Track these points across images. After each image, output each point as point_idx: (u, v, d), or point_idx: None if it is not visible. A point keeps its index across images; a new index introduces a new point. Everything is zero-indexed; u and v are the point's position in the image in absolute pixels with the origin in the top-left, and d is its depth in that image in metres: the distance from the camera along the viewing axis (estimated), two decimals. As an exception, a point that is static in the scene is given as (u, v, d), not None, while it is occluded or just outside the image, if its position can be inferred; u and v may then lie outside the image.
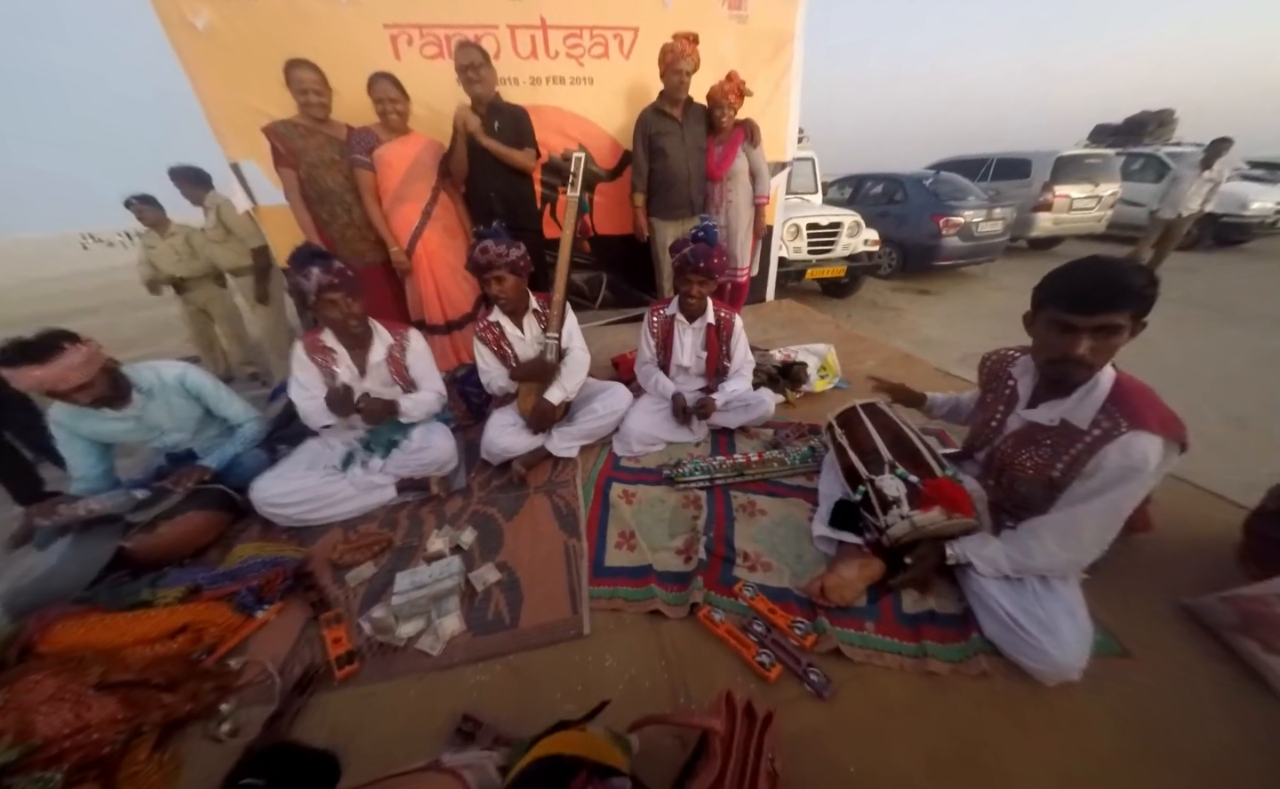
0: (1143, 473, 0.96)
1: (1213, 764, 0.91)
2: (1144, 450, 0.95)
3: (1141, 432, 0.96)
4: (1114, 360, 1.04)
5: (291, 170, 2.23)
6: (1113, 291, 0.93)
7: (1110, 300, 0.94)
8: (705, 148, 2.94)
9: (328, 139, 2.25)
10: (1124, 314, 0.93)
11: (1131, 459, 0.96)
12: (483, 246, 1.72)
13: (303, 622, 1.34)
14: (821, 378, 2.38)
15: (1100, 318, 0.95)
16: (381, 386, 1.77)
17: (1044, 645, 1.02)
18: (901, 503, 1.20)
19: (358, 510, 1.71)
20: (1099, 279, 0.95)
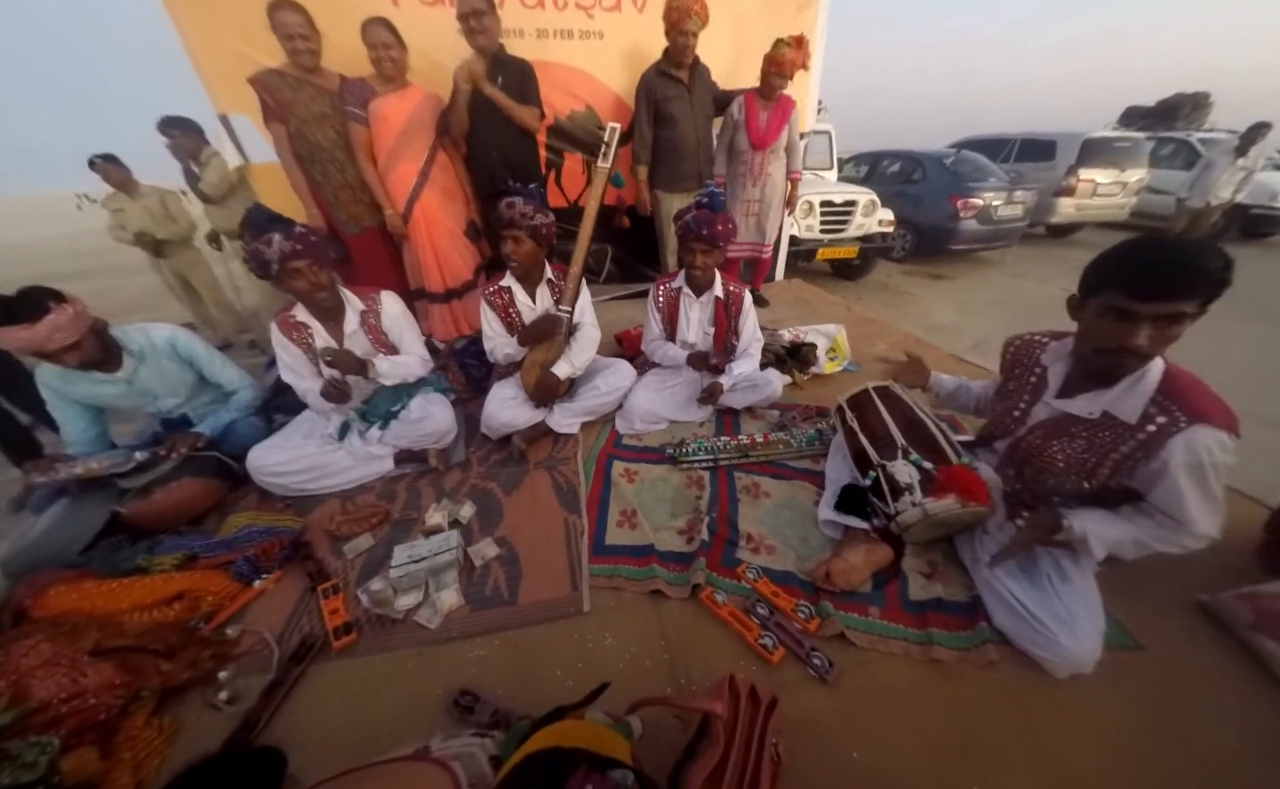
0: (1210, 462, 0.90)
1: (1221, 763, 0.90)
2: (1208, 445, 0.89)
3: (1202, 425, 0.90)
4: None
5: (281, 125, 2.09)
6: (1187, 276, 0.84)
7: (1183, 287, 0.84)
8: (712, 115, 2.79)
9: (318, 91, 2.10)
10: (1193, 302, 0.84)
11: (1197, 455, 0.90)
12: (510, 201, 1.64)
13: (300, 592, 1.32)
14: (830, 360, 2.32)
15: (1168, 306, 0.85)
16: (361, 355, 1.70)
17: (1058, 637, 0.99)
18: (914, 489, 1.16)
19: (355, 481, 1.69)
20: (1171, 262, 0.85)
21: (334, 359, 1.59)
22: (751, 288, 3.40)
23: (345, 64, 2.17)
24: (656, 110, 2.62)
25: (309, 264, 1.49)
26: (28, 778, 0.86)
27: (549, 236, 1.73)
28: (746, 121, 2.71)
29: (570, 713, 0.61)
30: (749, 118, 2.70)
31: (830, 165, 4.99)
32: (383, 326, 1.75)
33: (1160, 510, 0.98)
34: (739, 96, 2.73)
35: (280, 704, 1.07)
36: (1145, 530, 1.00)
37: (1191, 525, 0.95)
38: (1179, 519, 0.95)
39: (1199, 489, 0.92)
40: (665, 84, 2.58)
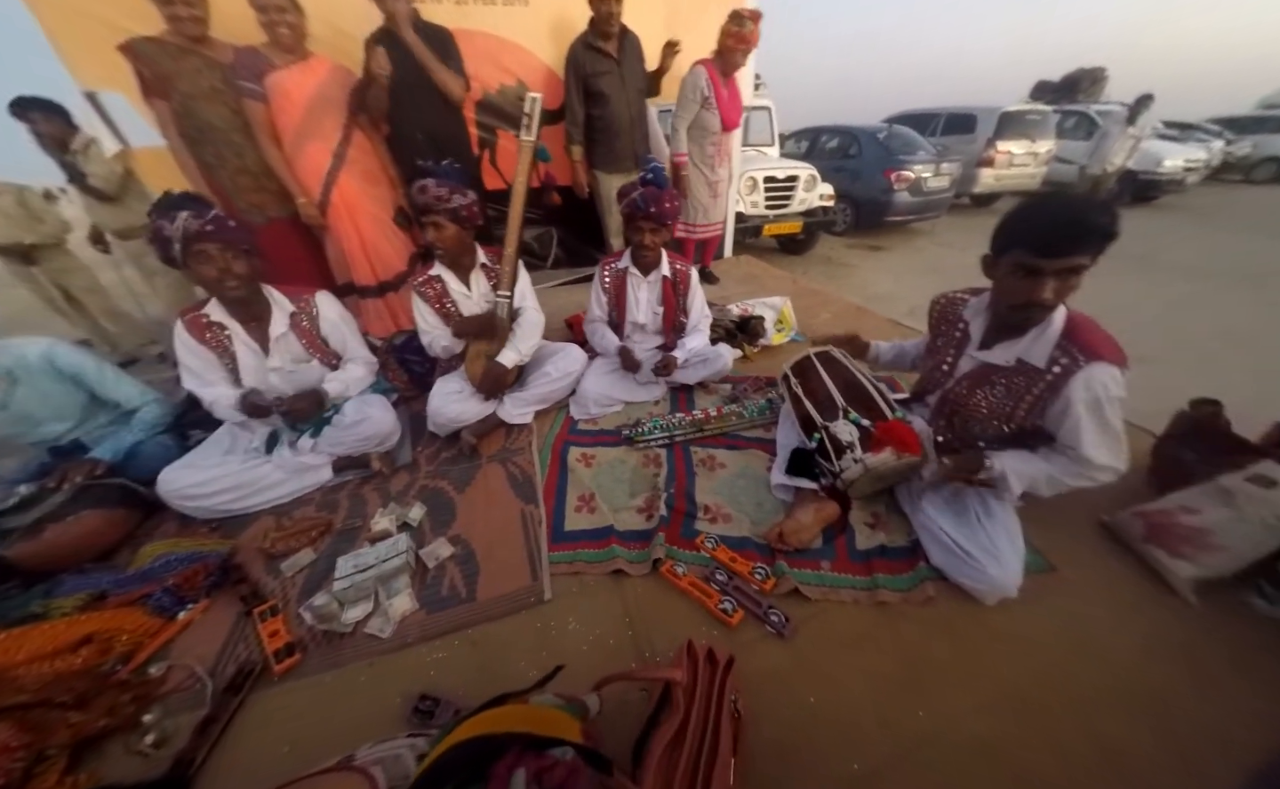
0: (1108, 400, 1.00)
1: (1125, 663, 1.01)
2: (1103, 381, 1.00)
3: (1098, 363, 1.00)
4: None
5: (164, 102, 1.84)
6: (1082, 232, 0.92)
7: (1080, 241, 0.92)
8: (645, 90, 2.69)
9: (205, 62, 1.86)
10: (1088, 255, 0.93)
11: (1094, 391, 1.00)
12: (421, 185, 1.53)
13: (234, 617, 1.22)
14: (778, 331, 2.39)
15: (1068, 260, 0.94)
16: (294, 363, 1.57)
17: (985, 567, 1.08)
18: (855, 447, 1.22)
19: (290, 494, 1.57)
20: (1067, 221, 0.93)
21: (291, 408, 1.48)
22: (702, 265, 3.42)
23: (239, 33, 1.92)
24: (585, 87, 2.49)
25: (219, 248, 1.34)
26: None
27: (473, 218, 1.63)
28: (716, 98, 2.62)
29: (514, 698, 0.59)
30: (719, 96, 2.62)
31: (772, 141, 5.07)
32: (321, 332, 1.62)
33: (1069, 446, 1.08)
34: (697, 70, 2.61)
35: (218, 739, 0.99)
36: (1058, 467, 1.10)
37: (1091, 457, 1.05)
38: (1087, 454, 1.05)
39: (1096, 422, 1.02)
40: (593, 57, 2.45)
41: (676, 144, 2.73)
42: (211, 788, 0.92)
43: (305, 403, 1.52)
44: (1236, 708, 0.92)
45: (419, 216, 1.58)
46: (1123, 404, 1.03)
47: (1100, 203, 0.94)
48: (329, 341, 1.64)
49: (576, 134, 2.60)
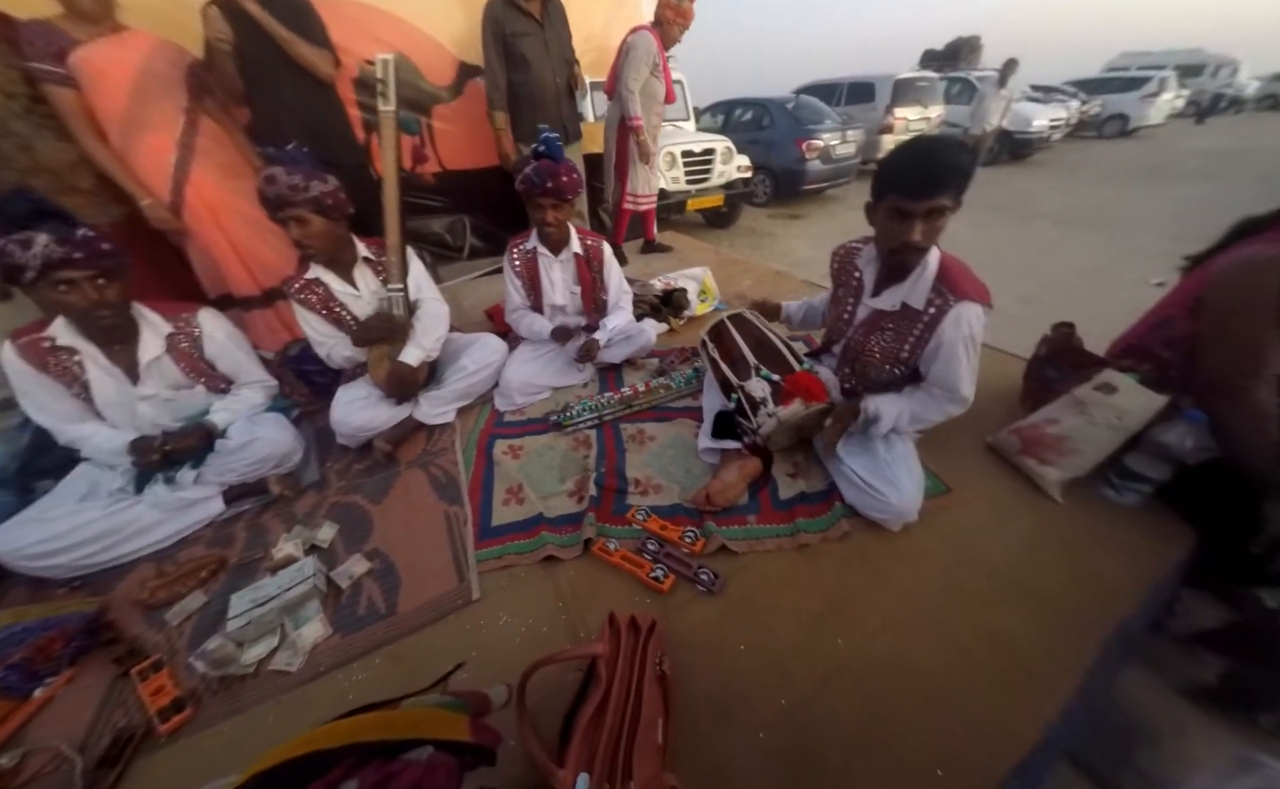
0: (972, 336, 1.10)
1: (1014, 558, 1.14)
2: (969, 317, 1.10)
3: (965, 301, 1.09)
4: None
5: None
6: (941, 171, 0.99)
7: (942, 182, 1.00)
8: (572, 59, 2.55)
9: None
10: (950, 195, 1.01)
11: (961, 328, 1.10)
12: (269, 175, 1.34)
13: (107, 682, 1.07)
14: (702, 301, 2.42)
15: (932, 201, 1.01)
16: (172, 391, 1.37)
17: (888, 497, 1.16)
18: (768, 402, 1.26)
19: (172, 535, 1.38)
20: (928, 162, 1.00)
21: (175, 448, 1.30)
22: (645, 239, 3.38)
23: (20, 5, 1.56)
24: (506, 48, 2.28)
25: (90, 277, 1.14)
26: None
27: (340, 206, 1.47)
28: (662, 66, 2.54)
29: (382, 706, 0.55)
30: (663, 63, 2.54)
31: (688, 116, 5.09)
32: (205, 355, 1.43)
33: (936, 384, 1.19)
34: (644, 34, 2.51)
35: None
36: (919, 403, 1.22)
37: (960, 389, 1.17)
38: (952, 386, 1.16)
39: (965, 356, 1.13)
40: (513, 16, 2.26)
41: (631, 107, 2.62)
42: (87, 878, 0.80)
43: (190, 439, 1.34)
44: (1098, 585, 1.06)
45: (274, 214, 1.38)
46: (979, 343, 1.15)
47: (957, 143, 1.03)
48: (216, 365, 1.45)
49: (499, 98, 2.37)
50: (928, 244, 1.09)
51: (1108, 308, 3.13)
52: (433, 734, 0.46)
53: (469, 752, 0.47)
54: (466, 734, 0.49)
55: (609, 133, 2.86)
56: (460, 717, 0.51)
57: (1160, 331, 1.23)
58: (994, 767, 0.81)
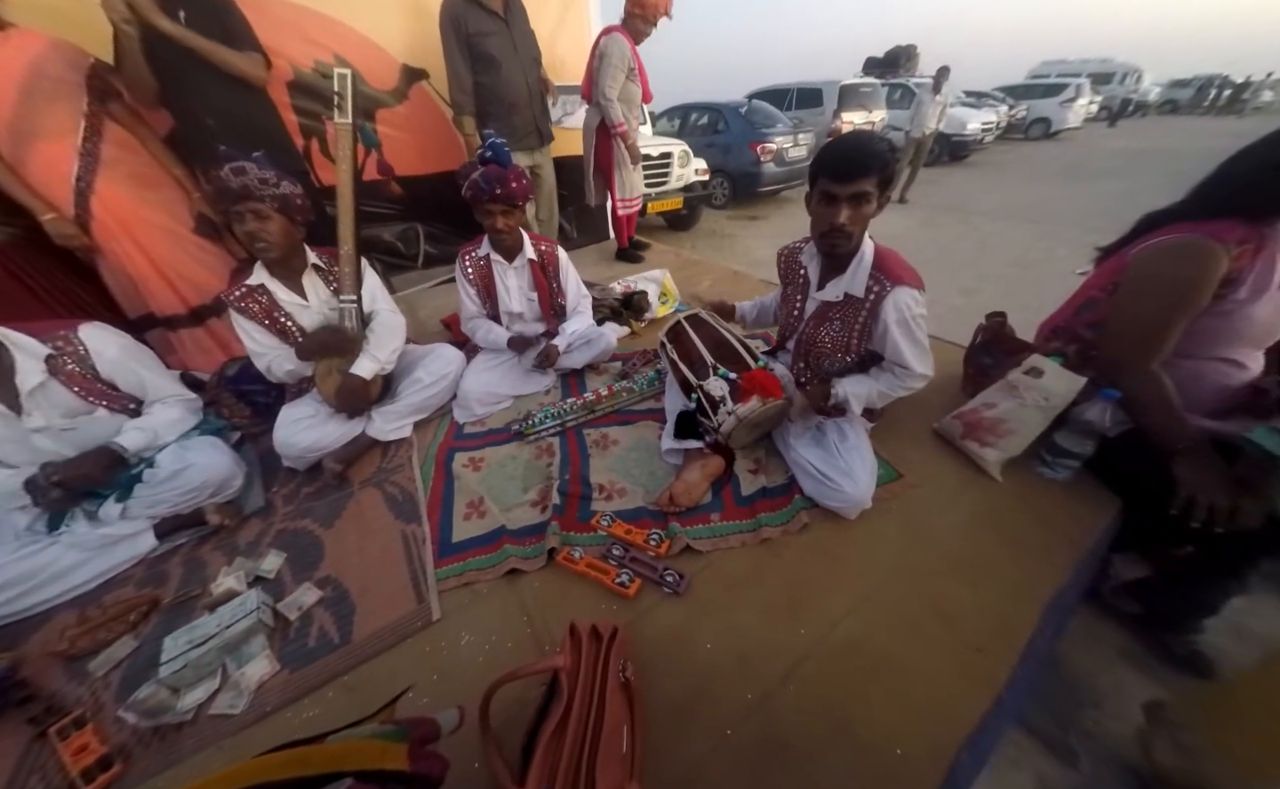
0: (910, 315, 1.17)
1: (959, 536, 1.20)
2: (905, 300, 1.16)
3: (899, 286, 1.16)
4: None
5: None
6: (862, 158, 1.06)
7: (864, 167, 1.06)
8: (539, 57, 2.49)
9: None
10: (871, 180, 1.07)
11: (900, 310, 1.17)
12: (237, 166, 1.28)
13: (22, 745, 0.96)
14: (663, 303, 2.44)
15: (854, 185, 1.07)
16: (69, 419, 1.24)
17: (844, 487, 1.20)
18: (726, 400, 1.28)
19: (96, 577, 1.27)
20: (851, 148, 1.07)
21: (64, 479, 1.18)
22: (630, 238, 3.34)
23: None
24: (471, 48, 2.18)
25: None
26: None
27: (304, 210, 1.42)
28: (638, 68, 2.52)
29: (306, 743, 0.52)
30: (639, 65, 2.52)
31: (644, 120, 5.13)
32: (101, 374, 1.30)
33: (894, 362, 1.24)
34: (616, 36, 2.48)
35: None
36: (885, 382, 1.28)
37: (911, 367, 1.23)
38: (903, 364, 1.23)
39: (907, 336, 1.20)
40: (476, 14, 2.17)
41: (613, 115, 2.60)
42: None
43: (87, 467, 1.22)
44: (1038, 556, 1.13)
45: (231, 205, 1.30)
46: (925, 320, 1.22)
47: (879, 137, 1.10)
48: (117, 384, 1.33)
49: (466, 103, 2.27)
50: (854, 229, 1.15)
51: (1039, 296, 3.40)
52: (356, 766, 0.43)
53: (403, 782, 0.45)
54: (404, 763, 0.47)
55: (587, 137, 2.83)
56: (398, 746, 0.49)
57: (1083, 315, 1.32)
58: (949, 739, 0.85)
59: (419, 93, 2.61)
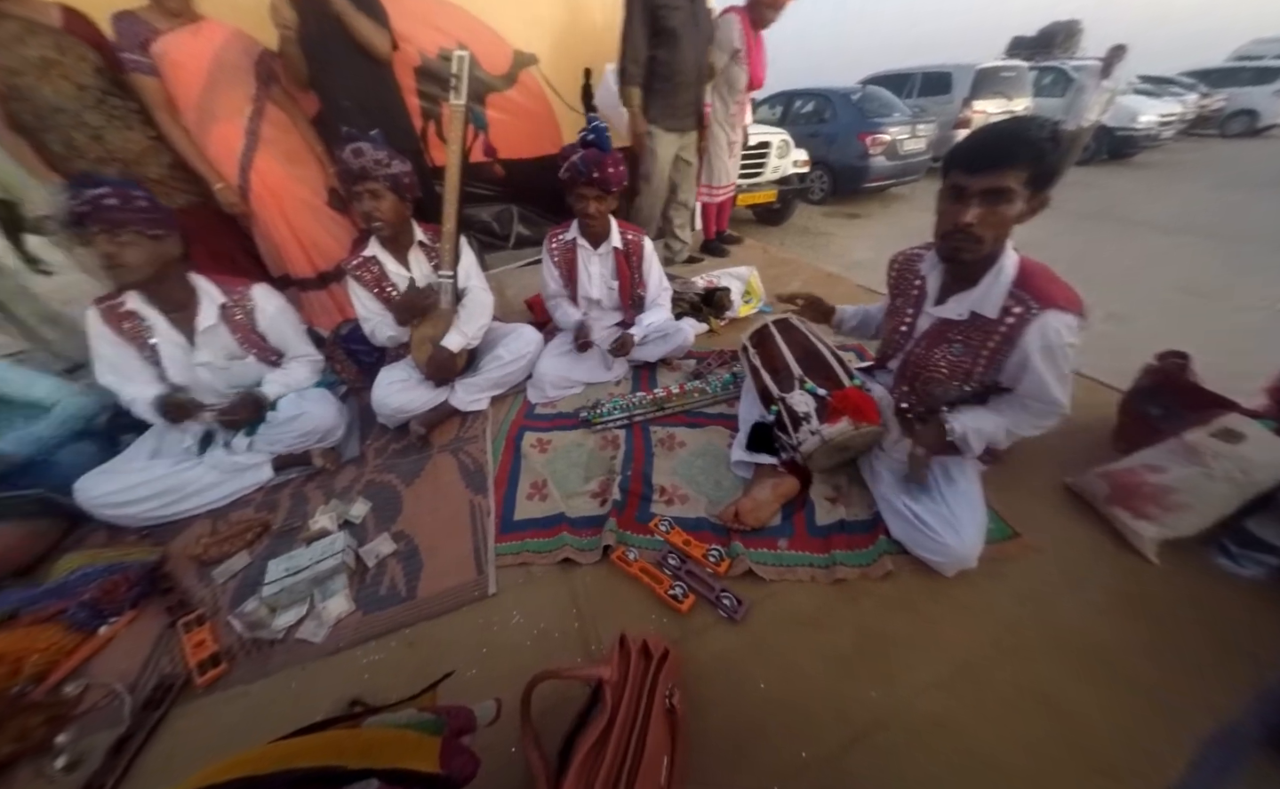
0: (1060, 349, 0.96)
1: (1088, 624, 0.98)
2: (1058, 328, 0.95)
3: (1052, 310, 0.95)
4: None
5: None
6: (1006, 145, 0.87)
7: (1003, 155, 0.87)
8: (712, 37, 2.38)
9: (25, 26, 1.52)
10: (1014, 174, 0.88)
11: (1049, 338, 0.96)
12: (356, 148, 1.40)
13: (159, 630, 1.15)
14: (746, 302, 2.31)
15: (988, 178, 0.89)
16: (225, 359, 1.46)
17: (945, 539, 1.03)
18: (811, 418, 1.16)
19: (226, 497, 1.48)
20: (992, 133, 0.89)
21: (227, 415, 1.38)
22: (718, 230, 3.26)
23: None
24: (654, 20, 2.08)
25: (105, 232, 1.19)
26: None
27: (412, 188, 1.51)
28: (747, 52, 2.42)
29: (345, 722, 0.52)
30: (750, 50, 2.43)
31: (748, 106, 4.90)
32: (258, 327, 1.51)
33: (1031, 397, 1.04)
34: (729, 17, 2.39)
35: (134, 758, 0.92)
36: (1013, 417, 1.07)
37: (1056, 405, 1.02)
38: (1045, 400, 1.02)
39: (1054, 370, 0.98)
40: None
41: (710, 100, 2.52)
42: (122, 813, 0.86)
43: (244, 411, 1.42)
44: (1202, 673, 0.89)
45: (351, 185, 1.44)
46: (1073, 350, 0.99)
47: (1038, 118, 0.89)
48: (268, 338, 1.53)
49: (636, 73, 2.16)
50: (984, 233, 0.94)
51: (1220, 333, 2.72)
52: (388, 762, 0.42)
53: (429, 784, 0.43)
54: (434, 763, 0.45)
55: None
56: (432, 740, 0.48)
57: None
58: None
59: (527, 78, 2.69)
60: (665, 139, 2.41)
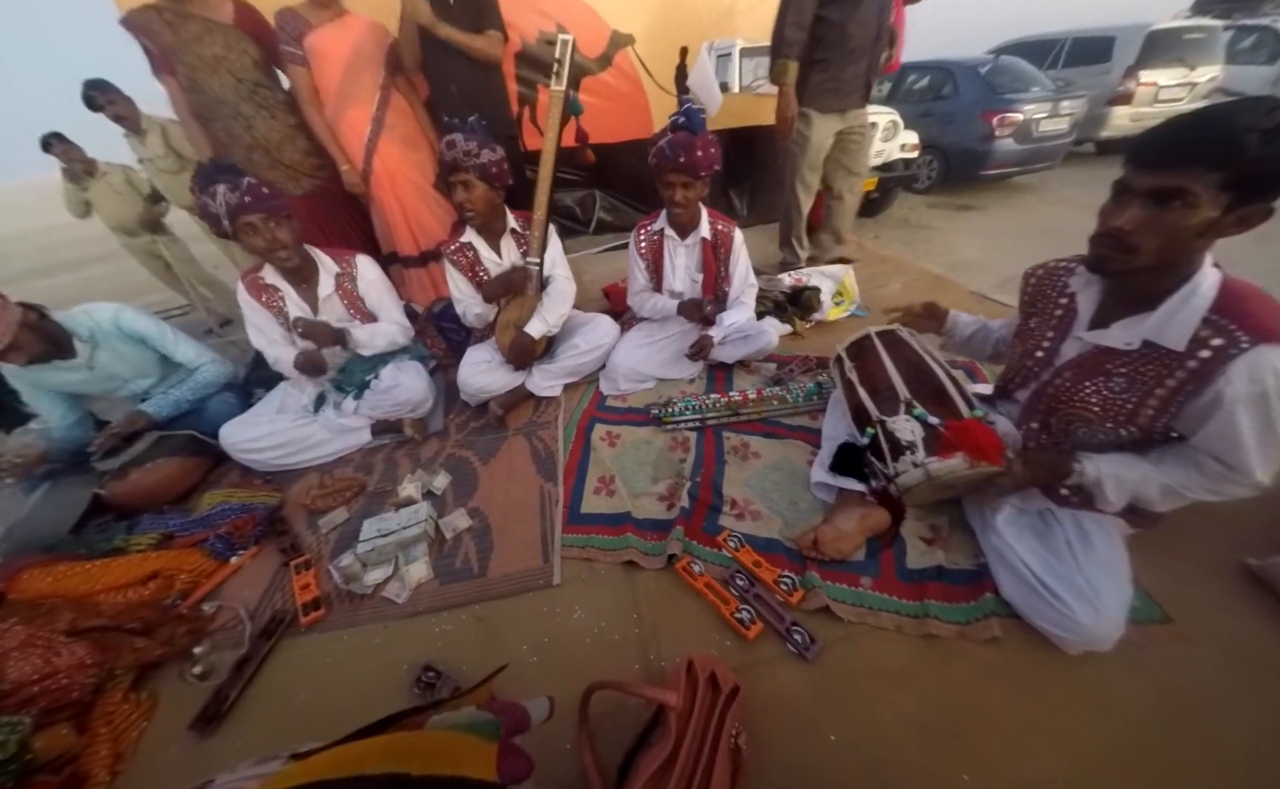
0: (1277, 396, 0.73)
1: (1252, 748, 0.78)
2: (1274, 366, 0.73)
3: (1264, 345, 0.73)
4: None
5: (172, 77, 1.76)
6: (1184, 135, 0.69)
7: (1174, 148, 0.69)
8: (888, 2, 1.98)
9: (205, 27, 1.72)
10: (1196, 174, 0.68)
11: (1262, 382, 0.73)
12: (449, 140, 1.47)
13: (274, 567, 1.31)
14: (836, 304, 2.13)
15: (1156, 175, 0.71)
16: (339, 324, 1.62)
17: (1076, 612, 0.87)
18: (917, 448, 1.02)
19: (333, 454, 1.65)
20: (1179, 122, 0.71)
21: (306, 330, 1.51)
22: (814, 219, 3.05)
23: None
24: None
25: (262, 218, 1.39)
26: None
27: (502, 176, 1.54)
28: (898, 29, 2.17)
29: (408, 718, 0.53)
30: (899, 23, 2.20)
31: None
32: (359, 291, 1.65)
33: (1214, 453, 0.82)
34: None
35: (251, 679, 1.06)
36: (1180, 475, 0.85)
37: (1247, 471, 0.79)
38: (1232, 462, 0.80)
39: (1259, 424, 0.76)
40: None
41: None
42: (239, 724, 0.99)
43: (324, 330, 1.53)
44: None
45: (447, 176, 1.52)
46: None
47: (1247, 106, 0.67)
48: (366, 301, 1.66)
49: (797, 40, 1.84)
50: (1143, 243, 0.75)
51: None
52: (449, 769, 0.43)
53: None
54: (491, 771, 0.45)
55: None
56: (489, 745, 0.48)
57: None
58: None
59: (621, 59, 2.65)
60: (822, 122, 2.07)
